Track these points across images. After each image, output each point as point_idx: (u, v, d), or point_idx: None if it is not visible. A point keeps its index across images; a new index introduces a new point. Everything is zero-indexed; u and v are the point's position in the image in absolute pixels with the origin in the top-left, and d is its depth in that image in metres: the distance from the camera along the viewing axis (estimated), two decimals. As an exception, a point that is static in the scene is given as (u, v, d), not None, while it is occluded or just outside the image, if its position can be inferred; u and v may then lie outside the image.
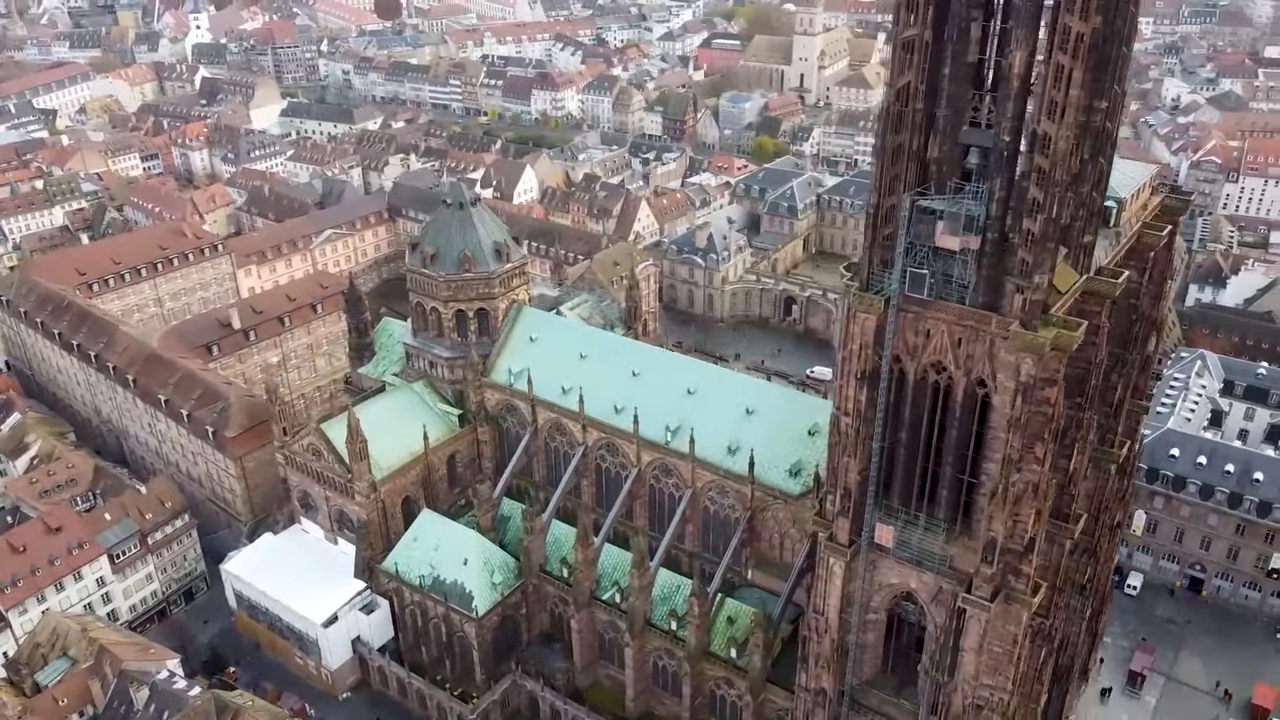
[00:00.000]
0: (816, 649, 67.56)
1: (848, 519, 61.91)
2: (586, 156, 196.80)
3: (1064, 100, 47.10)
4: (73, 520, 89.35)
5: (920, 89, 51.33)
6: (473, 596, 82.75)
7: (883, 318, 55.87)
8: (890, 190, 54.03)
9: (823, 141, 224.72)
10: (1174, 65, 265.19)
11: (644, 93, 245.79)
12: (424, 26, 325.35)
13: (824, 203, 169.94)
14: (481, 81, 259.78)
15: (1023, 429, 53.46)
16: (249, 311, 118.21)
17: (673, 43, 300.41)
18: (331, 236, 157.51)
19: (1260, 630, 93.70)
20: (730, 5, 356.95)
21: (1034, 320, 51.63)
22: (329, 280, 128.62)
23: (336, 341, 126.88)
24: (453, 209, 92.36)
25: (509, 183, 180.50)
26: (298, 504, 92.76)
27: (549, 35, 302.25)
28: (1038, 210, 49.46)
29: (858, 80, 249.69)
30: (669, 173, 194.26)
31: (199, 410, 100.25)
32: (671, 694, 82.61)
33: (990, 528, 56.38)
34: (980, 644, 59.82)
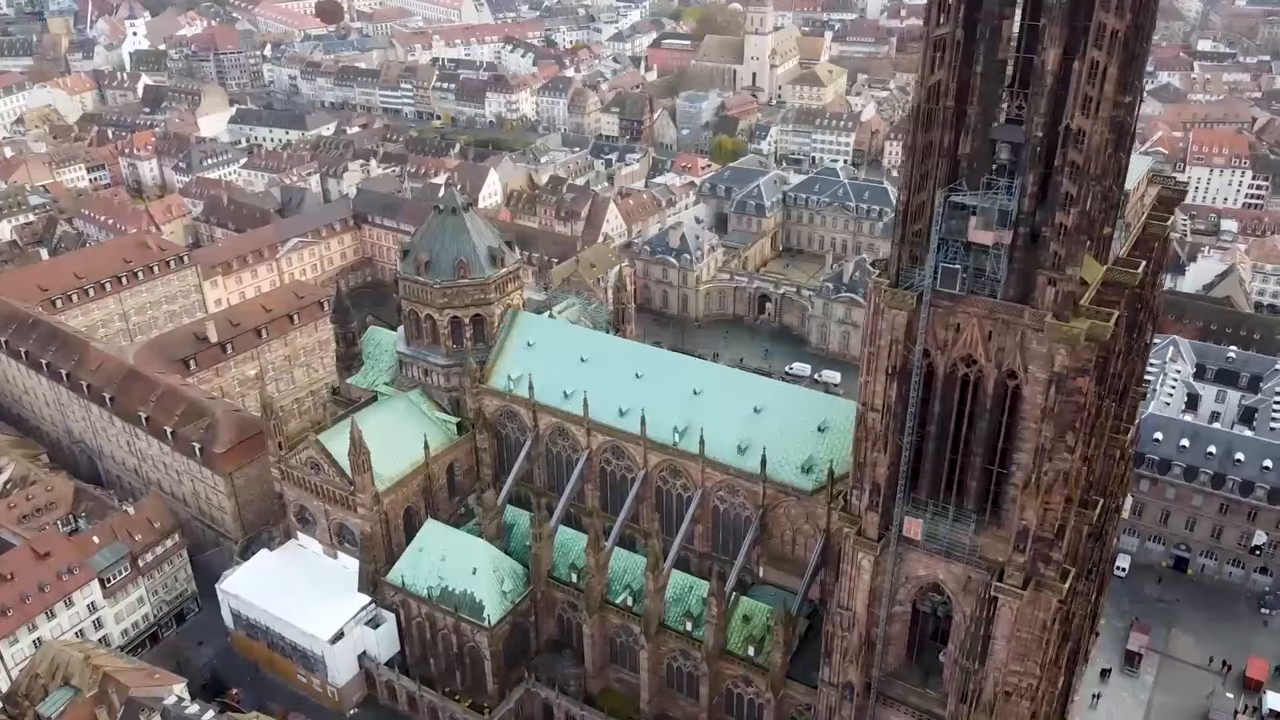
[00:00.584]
0: (843, 643, 68.09)
1: (877, 513, 62.54)
2: (549, 159, 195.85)
3: (1098, 95, 48.11)
4: (61, 545, 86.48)
5: (951, 87, 52.10)
6: (483, 606, 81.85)
7: (914, 313, 56.48)
8: (920, 187, 54.73)
9: (780, 139, 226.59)
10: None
11: (599, 94, 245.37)
12: (369, 30, 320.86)
13: (790, 200, 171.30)
14: (434, 85, 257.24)
15: (1055, 418, 54.48)
16: (225, 324, 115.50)
17: (623, 43, 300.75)
18: (298, 245, 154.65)
19: (1245, 605, 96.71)
20: (676, 5, 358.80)
21: (1066, 312, 52.68)
22: (305, 290, 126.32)
23: (314, 352, 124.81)
24: (445, 214, 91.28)
25: (473, 187, 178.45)
26: (294, 519, 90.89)
27: (498, 37, 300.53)
28: (1071, 204, 50.45)
29: (810, 79, 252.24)
30: (633, 173, 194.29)
31: (184, 427, 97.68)
32: (687, 695, 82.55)
33: (1023, 516, 57.39)
34: (1011, 631, 60.80)
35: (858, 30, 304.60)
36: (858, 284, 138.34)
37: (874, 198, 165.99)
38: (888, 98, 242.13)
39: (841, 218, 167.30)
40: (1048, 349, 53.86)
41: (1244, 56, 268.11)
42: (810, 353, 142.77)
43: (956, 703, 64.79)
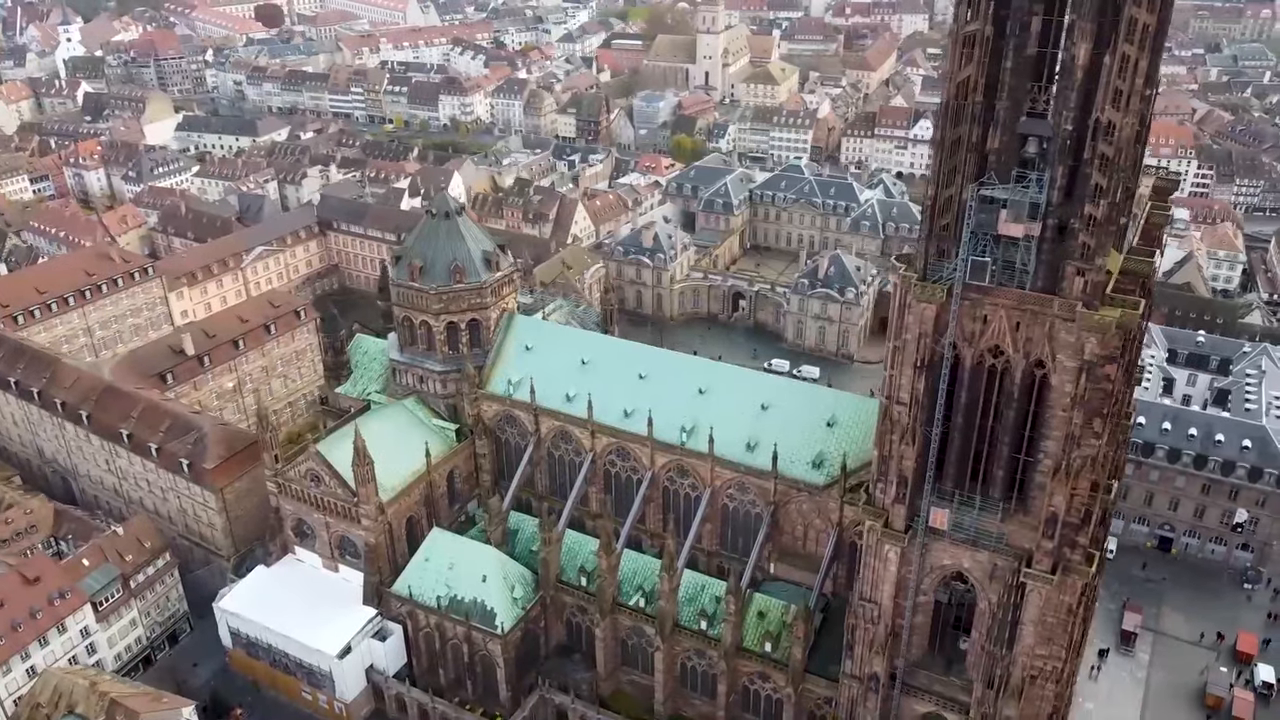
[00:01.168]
0: (868, 635, 68.81)
1: (904, 505, 63.24)
2: (511, 161, 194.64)
3: (1129, 89, 49.18)
4: (50, 568, 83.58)
5: (980, 82, 52.86)
6: (495, 614, 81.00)
7: (943, 306, 57.18)
8: (948, 182, 55.42)
9: (738, 138, 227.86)
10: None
11: (554, 95, 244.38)
12: (313, 34, 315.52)
13: (756, 198, 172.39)
14: (385, 89, 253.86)
15: (1085, 405, 55.59)
16: (201, 336, 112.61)
17: (573, 44, 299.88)
18: (263, 254, 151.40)
19: (1228, 581, 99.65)
20: (622, 5, 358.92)
21: (1095, 301, 53.80)
22: (280, 299, 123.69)
23: (291, 363, 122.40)
24: (438, 219, 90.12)
25: (436, 190, 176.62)
26: (291, 533, 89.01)
27: (446, 39, 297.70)
28: (1100, 195, 51.55)
29: (763, 77, 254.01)
30: (596, 174, 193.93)
31: (170, 443, 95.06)
32: (701, 694, 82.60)
33: (1051, 503, 58.49)
34: (1039, 616, 61.90)
35: (805, 28, 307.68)
36: (832, 279, 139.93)
37: (840, 194, 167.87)
38: (841, 94, 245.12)
39: (808, 214, 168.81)
40: (1076, 338, 54.96)
41: (1178, 50, 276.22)
42: (787, 349, 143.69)
43: (983, 689, 65.86)
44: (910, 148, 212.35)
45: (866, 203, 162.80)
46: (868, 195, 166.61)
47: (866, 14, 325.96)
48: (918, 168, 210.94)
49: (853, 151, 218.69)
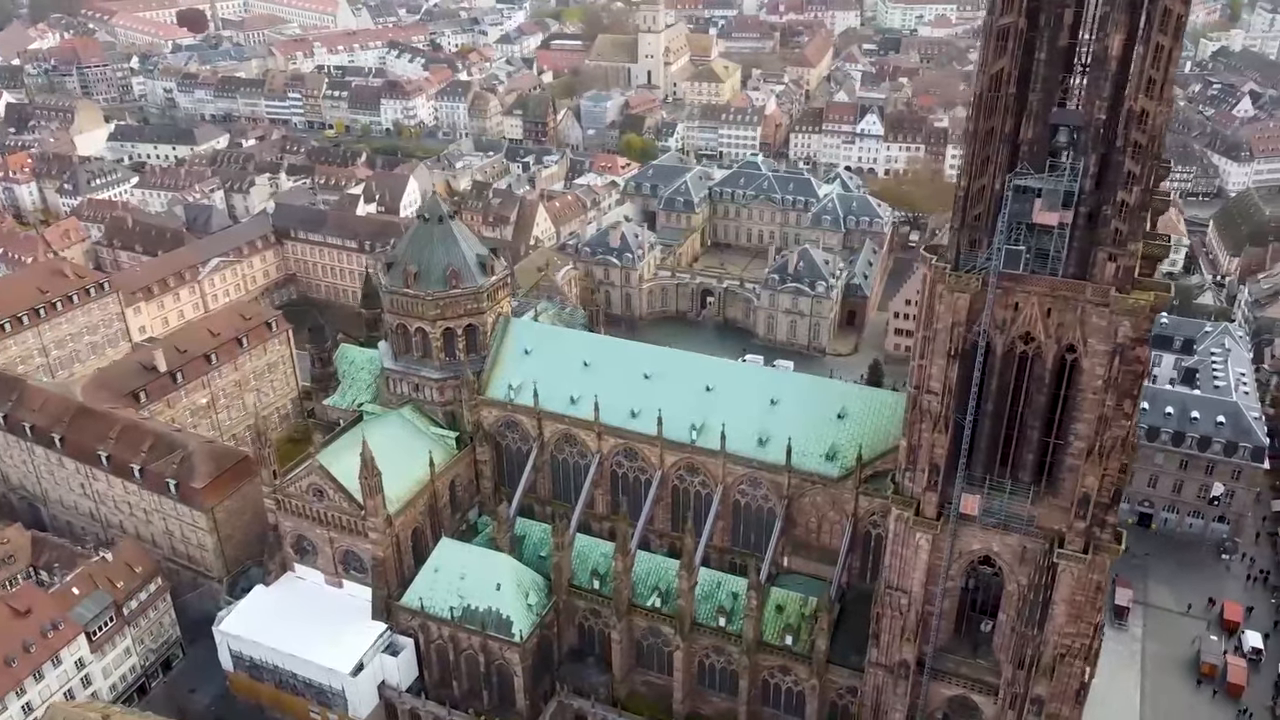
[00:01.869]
0: (898, 623, 69.60)
1: (935, 493, 64.13)
2: (465, 164, 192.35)
3: (1162, 78, 50.60)
4: (40, 599, 80.00)
5: (1013, 74, 53.84)
6: (511, 622, 79.95)
7: (977, 295, 58.10)
8: (981, 172, 56.34)
9: (686, 135, 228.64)
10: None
11: (498, 97, 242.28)
12: (241, 39, 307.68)
13: (716, 195, 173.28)
14: (324, 94, 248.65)
15: (1117, 387, 57.04)
16: (173, 351, 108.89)
17: (511, 46, 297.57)
18: (219, 265, 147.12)
19: (1207, 553, 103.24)
20: (554, 5, 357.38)
21: (1127, 285, 55.22)
22: (251, 312, 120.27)
23: (264, 376, 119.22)
24: (431, 224, 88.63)
25: (393, 195, 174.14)
26: (291, 550, 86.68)
27: (381, 42, 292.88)
28: (1134, 182, 52.99)
29: (707, 75, 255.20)
30: (552, 175, 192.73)
31: (154, 463, 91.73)
32: (720, 691, 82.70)
33: (1084, 484, 59.87)
34: (1070, 595, 63.32)
35: (742, 26, 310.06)
36: (802, 274, 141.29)
37: (798, 189, 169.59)
38: (784, 91, 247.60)
39: (768, 210, 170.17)
40: (1108, 321, 56.36)
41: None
42: (758, 344, 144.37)
43: (1013, 669, 67.15)
44: (858, 142, 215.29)
45: (826, 198, 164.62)
46: (826, 190, 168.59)
47: (800, 11, 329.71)
48: (865, 162, 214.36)
49: (801, 147, 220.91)
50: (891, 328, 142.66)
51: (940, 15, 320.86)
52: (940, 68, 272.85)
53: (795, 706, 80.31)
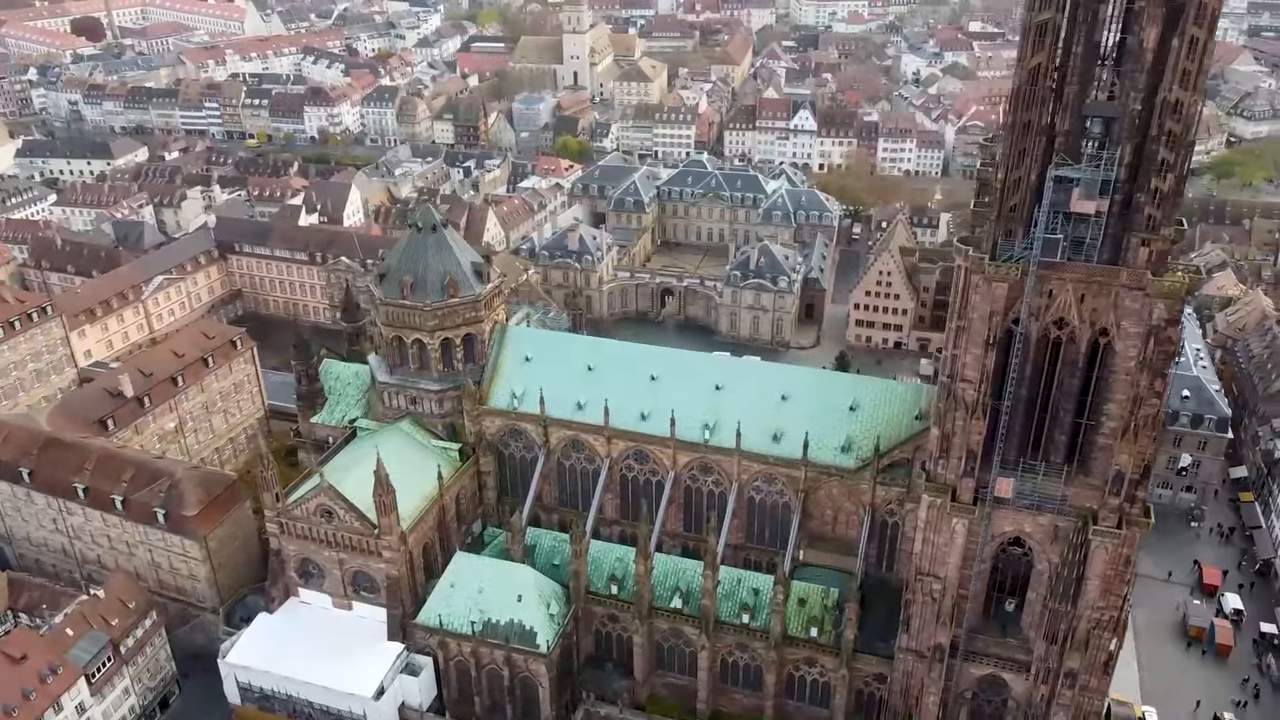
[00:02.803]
0: (930, 608, 70.95)
1: (972, 478, 65.63)
2: (404, 171, 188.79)
3: (1196, 68, 52.74)
4: (34, 643, 75.65)
5: (1051, 68, 55.44)
6: (535, 633, 78.91)
7: (1015, 284, 59.63)
8: (1018, 164, 57.83)
9: (621, 136, 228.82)
10: (900, 43, 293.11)
11: (426, 101, 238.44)
12: (145, 47, 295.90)
13: (664, 195, 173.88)
14: (243, 102, 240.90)
15: (1151, 367, 59.25)
16: (138, 375, 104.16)
17: (430, 49, 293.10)
18: (163, 284, 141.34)
19: (1177, 521, 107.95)
20: (467, 7, 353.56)
21: (1160, 269, 57.43)
22: (215, 331, 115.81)
23: (230, 396, 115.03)
24: (425, 232, 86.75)
25: (335, 205, 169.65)
26: (295, 575, 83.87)
27: (296, 48, 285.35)
28: (1168, 169, 55.08)
29: (636, 75, 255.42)
30: (494, 179, 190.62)
31: (138, 493, 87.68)
32: (743, 687, 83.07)
33: (1117, 462, 62.02)
34: (1103, 570, 65.52)
35: (662, 25, 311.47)
36: (764, 270, 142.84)
37: (746, 186, 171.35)
38: (713, 89, 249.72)
39: (717, 207, 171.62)
40: (1141, 304, 58.48)
41: (1011, 35, 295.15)
42: (721, 341, 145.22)
43: (1046, 645, 69.12)
44: (792, 138, 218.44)
45: (775, 193, 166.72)
46: (774, 186, 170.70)
47: (716, 9, 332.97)
48: (799, 158, 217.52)
49: (736, 144, 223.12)
50: (852, 319, 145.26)
51: (853, 11, 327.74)
52: (860, 63, 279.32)
53: (820, 698, 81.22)
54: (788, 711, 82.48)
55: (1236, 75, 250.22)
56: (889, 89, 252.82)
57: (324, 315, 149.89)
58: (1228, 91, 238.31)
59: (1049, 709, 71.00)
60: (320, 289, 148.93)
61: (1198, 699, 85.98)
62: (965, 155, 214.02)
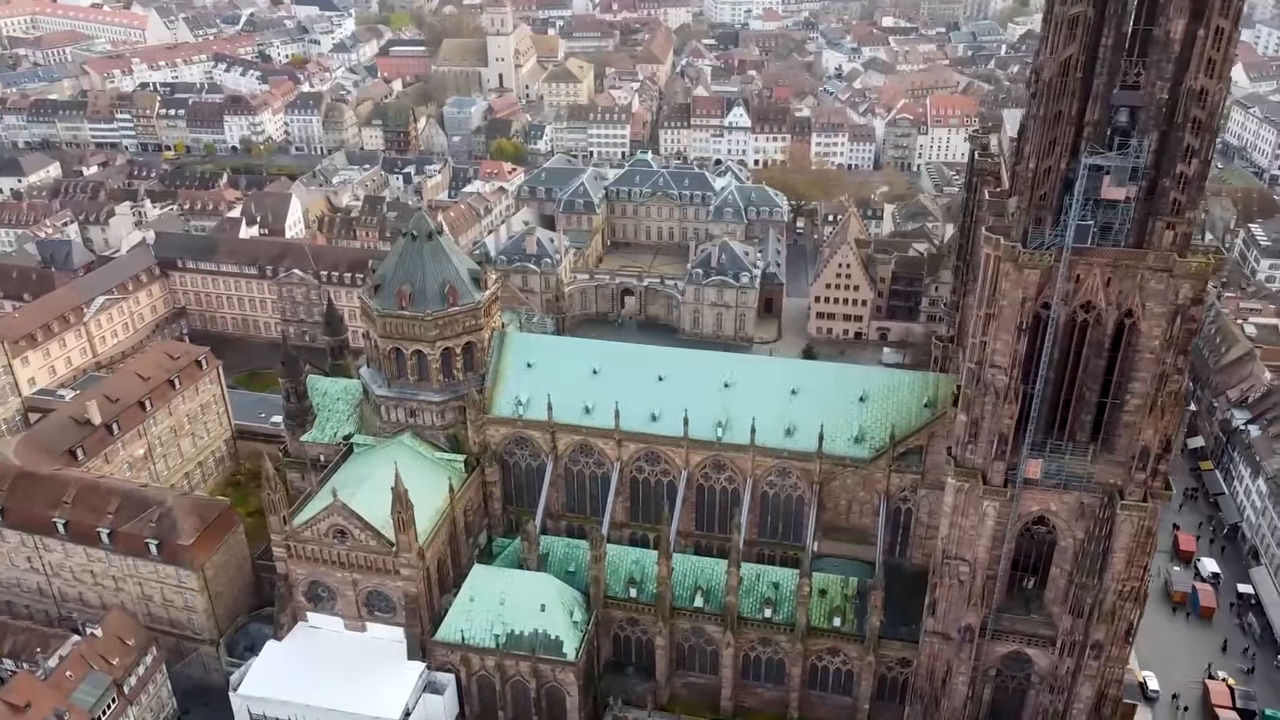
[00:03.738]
0: (958, 591, 72.46)
1: (1003, 461, 67.25)
2: (343, 179, 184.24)
3: (1221, 57, 55.06)
4: (37, 689, 71.39)
5: (1081, 60, 57.17)
6: (562, 642, 78.04)
7: (1048, 270, 61.32)
8: (1048, 153, 59.48)
9: (555, 138, 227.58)
10: (818, 39, 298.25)
11: (352, 108, 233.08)
12: (41, 57, 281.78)
13: (612, 195, 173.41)
14: (159, 113, 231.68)
15: (1177, 345, 61.64)
16: (104, 401, 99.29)
17: (348, 54, 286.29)
18: (106, 305, 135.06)
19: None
20: (377, 11, 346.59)
21: (1184, 251, 59.80)
22: (178, 351, 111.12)
23: (198, 419, 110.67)
24: (420, 240, 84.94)
25: (275, 216, 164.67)
26: (303, 599, 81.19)
27: (206, 56, 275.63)
28: (1193, 155, 57.38)
29: (564, 75, 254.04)
30: (436, 185, 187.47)
31: (127, 524, 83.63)
32: (765, 682, 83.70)
33: (1142, 438, 64.36)
34: (1128, 543, 67.91)
35: (581, 25, 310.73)
36: (725, 266, 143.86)
37: (694, 184, 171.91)
38: (642, 88, 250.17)
39: (666, 206, 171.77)
40: (1165, 285, 60.76)
41: (924, 29, 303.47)
42: (684, 339, 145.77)
43: (1073, 619, 71.32)
44: (726, 135, 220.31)
45: (725, 190, 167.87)
46: (722, 183, 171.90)
47: (634, 9, 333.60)
48: (734, 154, 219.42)
49: (671, 143, 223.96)
50: (813, 312, 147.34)
51: (768, 9, 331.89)
52: (781, 59, 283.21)
53: (843, 686, 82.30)
54: (810, 702, 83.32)
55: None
56: (813, 84, 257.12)
57: (276, 330, 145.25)
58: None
59: (1075, 680, 73.30)
60: (272, 304, 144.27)
61: (1209, 661, 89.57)
62: (895, 148, 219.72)
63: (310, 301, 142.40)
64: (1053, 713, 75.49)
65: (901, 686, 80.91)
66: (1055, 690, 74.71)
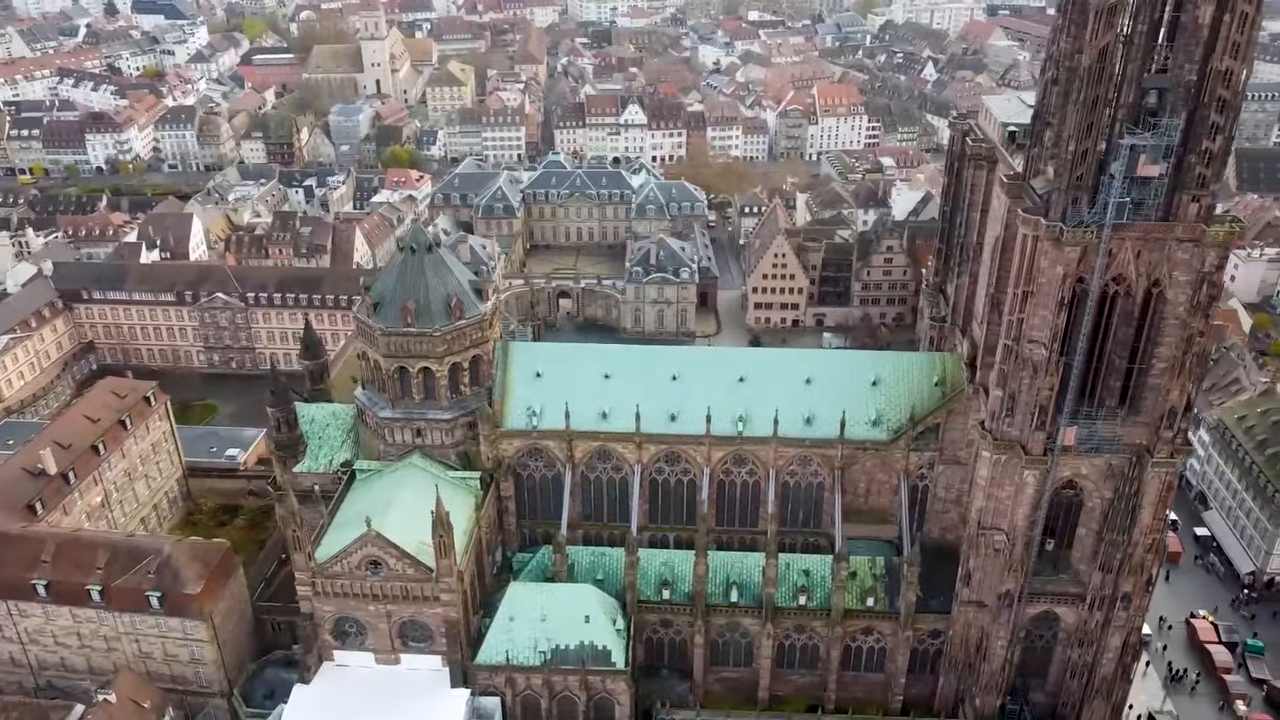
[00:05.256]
0: (993, 560, 75.45)
1: (1043, 431, 70.40)
2: (241, 196, 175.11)
3: (1246, 40, 59.27)
4: (62, 768, 65.59)
5: (1117, 47, 60.44)
6: (609, 651, 77.00)
7: (1088, 247, 64.55)
8: (1085, 136, 62.60)
9: (449, 142, 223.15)
10: (691, 35, 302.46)
11: (228, 121, 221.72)
12: None
13: (529, 197, 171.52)
14: (9, 134, 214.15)
15: (1201, 309, 66.03)
16: (57, 449, 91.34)
17: (207, 64, 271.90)
18: (10, 344, 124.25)
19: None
20: (224, 19, 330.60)
21: (1208, 221, 64.12)
22: (124, 388, 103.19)
23: (149, 459, 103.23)
24: (420, 254, 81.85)
25: (177, 239, 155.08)
26: (330, 638, 77.18)
27: (49, 71, 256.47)
28: (1218, 132, 61.55)
29: (447, 79, 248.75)
30: (342, 196, 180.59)
31: (122, 578, 77.36)
32: (799, 669, 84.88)
33: (1169, 398, 68.66)
34: (1156, 499, 72.33)
35: (451, 28, 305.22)
36: (665, 263, 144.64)
37: (611, 182, 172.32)
38: (527, 88, 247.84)
39: (584, 206, 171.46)
40: (1191, 255, 64.96)
41: (790, 22, 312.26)
42: (625, 337, 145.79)
43: (1102, 576, 75.44)
44: (623, 133, 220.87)
45: (644, 188, 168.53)
46: (639, 181, 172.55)
47: (499, 9, 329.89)
48: (631, 151, 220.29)
49: (567, 143, 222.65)
50: (751, 303, 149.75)
51: (634, 7, 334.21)
52: (658, 55, 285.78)
53: (875, 664, 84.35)
54: (844, 682, 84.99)
55: (995, 50, 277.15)
56: (694, 80, 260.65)
57: (200, 359, 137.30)
58: (993, 66, 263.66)
59: (1104, 632, 77.53)
60: (193, 331, 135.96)
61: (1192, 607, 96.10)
62: (788, 139, 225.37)
63: (236, 326, 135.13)
64: (1082, 665, 79.64)
65: (933, 657, 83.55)
66: (1084, 644, 78.79)
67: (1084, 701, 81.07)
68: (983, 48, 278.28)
